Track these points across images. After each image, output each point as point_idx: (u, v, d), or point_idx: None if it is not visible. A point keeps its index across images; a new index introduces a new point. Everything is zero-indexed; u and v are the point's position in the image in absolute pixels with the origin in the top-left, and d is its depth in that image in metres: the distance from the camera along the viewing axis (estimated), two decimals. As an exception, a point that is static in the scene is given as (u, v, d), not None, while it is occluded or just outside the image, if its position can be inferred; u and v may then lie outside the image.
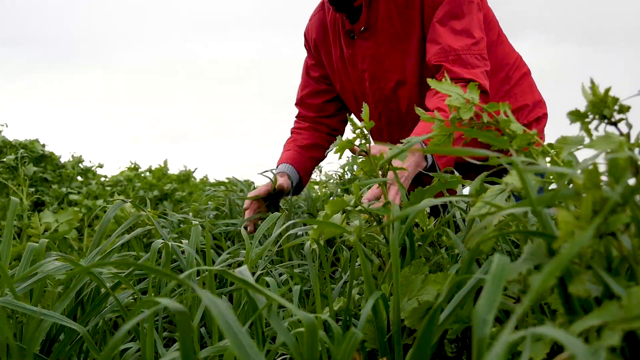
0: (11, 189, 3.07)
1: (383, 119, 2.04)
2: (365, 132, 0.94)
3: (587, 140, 0.69)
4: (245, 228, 1.85)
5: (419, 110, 0.90)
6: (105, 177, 6.52)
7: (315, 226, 0.92)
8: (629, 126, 0.64)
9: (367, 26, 1.89)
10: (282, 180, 1.96)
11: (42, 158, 4.80)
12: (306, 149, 2.15)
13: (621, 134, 0.65)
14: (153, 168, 7.30)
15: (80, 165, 5.79)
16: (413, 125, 1.87)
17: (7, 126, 5.15)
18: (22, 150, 4.46)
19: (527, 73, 2.07)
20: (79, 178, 5.41)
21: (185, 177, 5.93)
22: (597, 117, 0.66)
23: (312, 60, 2.20)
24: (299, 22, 1.89)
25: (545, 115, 2.07)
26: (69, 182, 5.31)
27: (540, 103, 2.06)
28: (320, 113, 2.22)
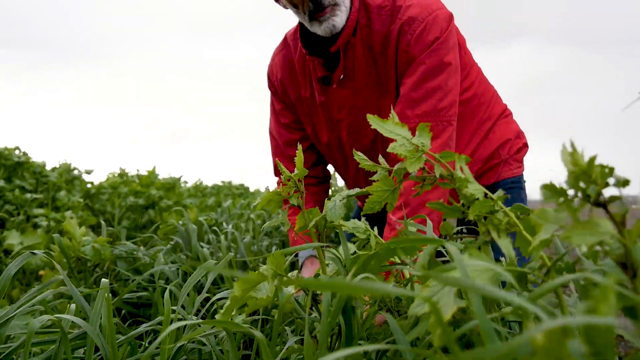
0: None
1: (361, 170, 1.93)
2: (297, 182, 0.76)
3: (569, 219, 0.50)
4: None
5: (358, 157, 0.72)
6: (92, 183, 6.35)
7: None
8: (624, 210, 0.46)
9: (345, 72, 1.74)
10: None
11: (17, 166, 4.61)
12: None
13: (612, 219, 0.47)
14: (146, 172, 7.13)
15: (69, 173, 5.61)
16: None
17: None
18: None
19: (505, 107, 2.03)
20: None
21: (172, 185, 5.75)
22: (579, 194, 0.47)
23: (280, 105, 2.01)
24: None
25: (525, 145, 2.03)
26: (55, 191, 5.13)
27: (520, 134, 2.02)
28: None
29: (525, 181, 2.01)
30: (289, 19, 1.83)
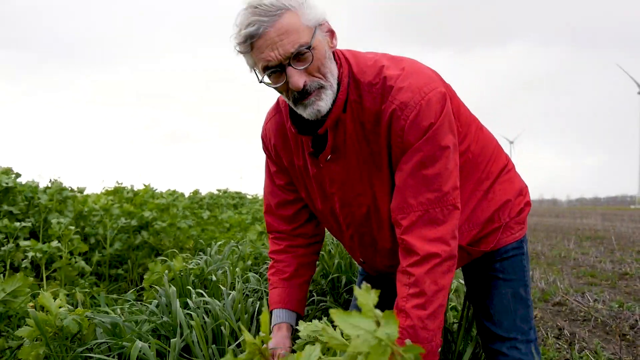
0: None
1: (355, 240, 1.88)
2: (261, 348, 0.68)
3: None
4: None
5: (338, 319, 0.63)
6: (86, 198, 6.25)
7: None
8: None
9: (334, 149, 1.68)
10: (282, 341, 1.82)
11: (6, 191, 4.52)
12: (291, 278, 1.98)
13: None
14: (142, 185, 7.04)
15: (60, 193, 5.52)
16: (388, 251, 1.81)
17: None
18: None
19: (507, 162, 1.94)
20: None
21: (166, 206, 5.67)
22: None
23: (275, 167, 1.96)
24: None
25: (528, 204, 1.94)
26: (47, 214, 5.05)
27: (522, 191, 1.94)
28: (294, 224, 2.00)
29: (527, 241, 1.93)
30: None
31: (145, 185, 6.91)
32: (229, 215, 8.75)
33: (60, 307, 1.78)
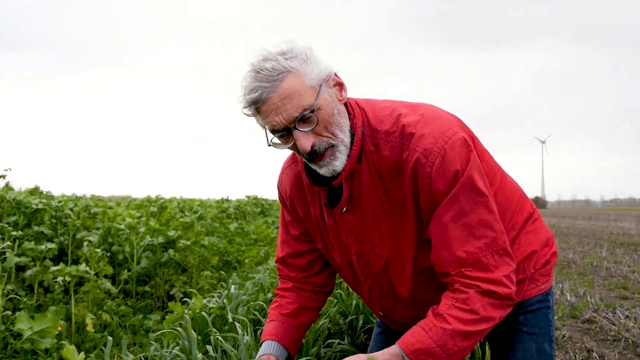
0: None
1: (374, 292, 1.82)
2: None
3: None
4: None
5: None
6: (115, 216, 6.36)
7: None
8: None
9: (349, 201, 1.64)
10: None
11: (36, 213, 4.63)
12: (292, 315, 1.90)
13: None
14: (176, 196, 7.15)
15: (85, 212, 5.63)
16: (409, 301, 1.76)
17: (10, 170, 5.01)
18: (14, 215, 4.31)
19: (532, 212, 1.86)
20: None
21: (190, 224, 5.73)
22: None
23: (290, 217, 1.93)
24: (328, 22, 1.56)
25: (554, 255, 1.86)
26: (75, 231, 5.15)
27: (548, 241, 1.85)
28: (306, 273, 1.94)
29: (552, 294, 1.87)
30: (317, 21, 1.64)
31: (173, 198, 7.01)
32: (256, 225, 8.82)
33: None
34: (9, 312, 2.77)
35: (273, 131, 1.53)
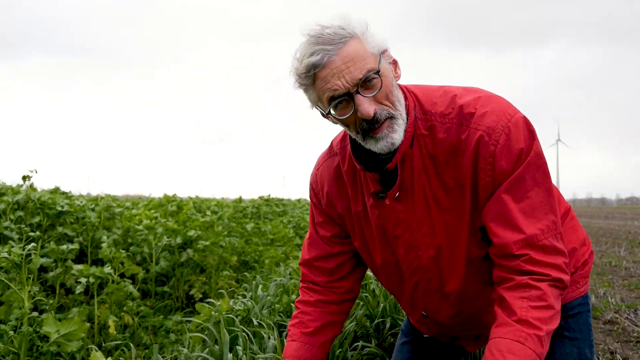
0: (13, 290, 2.84)
1: (420, 288, 1.75)
2: None
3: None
4: None
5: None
6: (133, 216, 6.39)
7: None
8: None
9: (401, 187, 1.59)
10: None
11: (61, 214, 4.65)
12: (314, 334, 1.83)
13: None
14: (191, 195, 7.17)
15: (108, 211, 5.66)
16: (456, 296, 1.69)
17: (36, 172, 5.04)
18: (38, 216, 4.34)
19: (568, 209, 1.81)
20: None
21: (210, 224, 5.74)
22: None
23: (321, 217, 1.86)
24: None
25: (591, 255, 1.82)
26: (94, 232, 5.18)
27: (585, 241, 1.82)
28: (333, 277, 1.87)
29: (590, 297, 1.82)
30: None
31: (189, 198, 7.04)
32: (273, 224, 8.82)
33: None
34: (35, 314, 2.79)
35: (332, 99, 1.46)
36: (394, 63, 1.55)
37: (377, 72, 1.44)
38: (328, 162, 1.80)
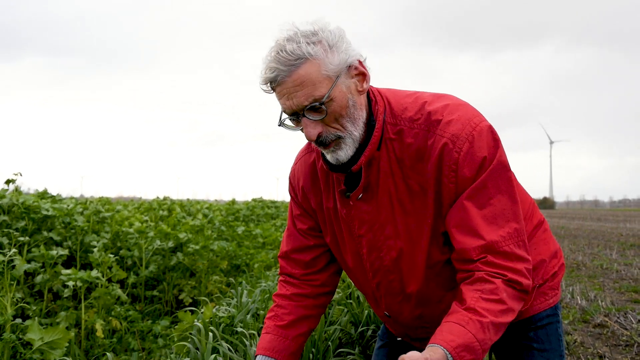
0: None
1: (382, 289, 1.77)
2: None
3: None
4: None
5: None
6: (123, 220, 6.36)
7: None
8: None
9: (365, 188, 1.62)
10: None
11: (46, 218, 4.62)
12: (288, 327, 1.84)
13: None
14: (185, 197, 7.15)
15: (97, 215, 5.63)
16: (417, 298, 1.72)
17: (21, 175, 5.01)
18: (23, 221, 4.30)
19: (542, 221, 1.83)
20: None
21: (200, 227, 5.72)
22: None
23: (298, 210, 1.89)
24: (333, 23, 1.53)
25: (562, 267, 1.84)
26: (83, 236, 5.15)
27: (557, 252, 1.83)
28: (309, 269, 1.90)
29: (560, 308, 1.83)
30: (330, 22, 1.64)
31: (179, 201, 7.01)
32: (264, 228, 8.80)
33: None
34: (19, 320, 2.76)
35: (285, 112, 1.53)
36: (362, 76, 1.56)
37: (323, 103, 1.47)
38: (305, 158, 1.84)
